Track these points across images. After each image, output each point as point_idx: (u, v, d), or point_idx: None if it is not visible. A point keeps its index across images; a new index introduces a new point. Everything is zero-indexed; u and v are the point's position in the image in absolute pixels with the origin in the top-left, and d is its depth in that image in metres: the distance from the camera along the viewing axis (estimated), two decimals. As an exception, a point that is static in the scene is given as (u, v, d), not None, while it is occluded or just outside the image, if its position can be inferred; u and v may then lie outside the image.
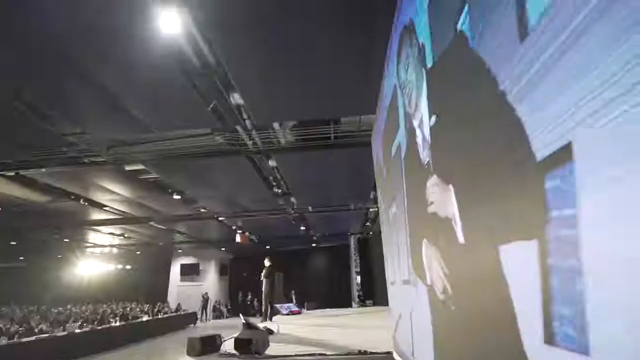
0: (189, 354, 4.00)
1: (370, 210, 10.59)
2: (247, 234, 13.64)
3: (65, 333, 8.51)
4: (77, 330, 8.84)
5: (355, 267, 12.83)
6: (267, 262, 8.02)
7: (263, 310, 7.61)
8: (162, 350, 9.27)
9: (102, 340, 9.22)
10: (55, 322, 10.08)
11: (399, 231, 2.48)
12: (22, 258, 21.03)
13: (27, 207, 9.44)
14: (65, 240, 14.96)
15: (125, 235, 14.22)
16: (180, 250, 18.62)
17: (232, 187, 8.10)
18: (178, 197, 8.51)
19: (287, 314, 9.28)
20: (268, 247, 17.35)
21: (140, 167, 7.21)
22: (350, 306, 15.47)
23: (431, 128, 1.66)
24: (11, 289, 20.83)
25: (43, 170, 6.94)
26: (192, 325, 14.85)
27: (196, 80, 4.31)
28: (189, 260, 18.73)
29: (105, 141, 6.02)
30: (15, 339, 7.46)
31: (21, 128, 5.26)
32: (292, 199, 9.39)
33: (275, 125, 5.42)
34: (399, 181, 2.37)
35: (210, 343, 4.13)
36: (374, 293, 13.49)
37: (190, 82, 4.30)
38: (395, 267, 2.83)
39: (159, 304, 14.95)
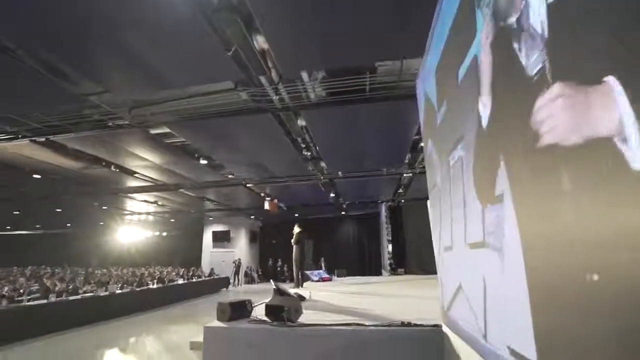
0: (219, 319, 3.80)
1: (405, 175, 9.95)
2: (275, 201, 13.50)
3: (107, 293, 8.88)
4: (118, 291, 9.23)
5: (386, 235, 12.42)
6: (296, 229, 7.77)
7: (294, 277, 7.45)
8: (196, 312, 9.57)
9: (140, 301, 9.60)
10: (98, 283, 10.61)
11: (468, 182, 1.94)
12: (69, 225, 22.55)
13: (63, 174, 9.69)
14: (104, 207, 15.60)
15: (159, 203, 14.57)
16: (211, 218, 19.04)
17: (259, 151, 7.73)
18: (205, 162, 8.30)
19: (318, 281, 9.14)
20: (297, 215, 17.29)
21: (165, 130, 6.98)
22: (380, 274, 15.32)
23: (549, 5, 1.07)
24: (62, 253, 22.56)
25: (71, 135, 6.88)
26: (225, 289, 15.37)
27: (216, 22, 3.79)
28: (220, 227, 19.17)
29: (128, 102, 5.75)
30: (63, 297, 7.84)
31: (42, 88, 5.06)
32: (322, 164, 8.94)
33: (304, 76, 4.84)
34: (470, 115, 1.80)
35: (240, 308, 3.90)
36: (406, 261, 13.14)
37: (211, 25, 3.80)
38: (455, 229, 2.31)
39: (193, 268, 15.49)
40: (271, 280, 6.12)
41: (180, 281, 12.50)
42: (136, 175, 9.90)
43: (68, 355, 5.52)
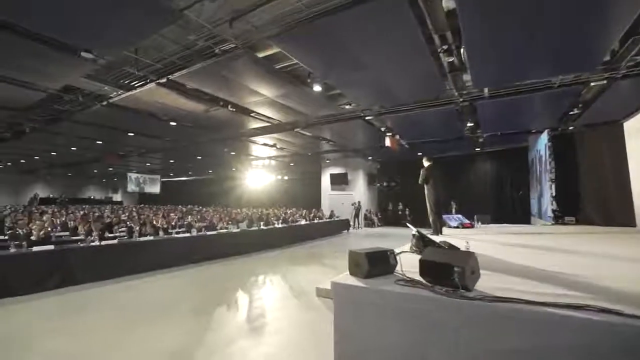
0: (352, 272, 2.72)
1: (593, 84, 6.79)
2: (397, 137, 11.81)
3: (238, 230, 9.28)
4: (248, 229, 9.59)
5: (547, 173, 9.40)
6: (425, 163, 6.05)
7: (431, 221, 5.96)
8: (319, 253, 9.28)
9: (266, 240, 9.84)
10: (233, 220, 11.42)
11: None
12: (210, 171, 26.01)
13: (192, 119, 10.17)
14: (232, 153, 16.82)
15: (277, 146, 14.71)
16: (328, 161, 18.74)
17: (384, 64, 6.07)
18: (319, 88, 7.16)
19: (457, 227, 7.46)
20: (420, 153, 15.24)
21: (274, 50, 6.00)
22: (529, 222, 12.42)
23: None
24: (207, 194, 26.47)
25: (184, 71, 6.60)
26: (346, 231, 15.15)
27: None
28: (337, 170, 18.78)
29: (227, 11, 4.83)
30: (202, 232, 8.43)
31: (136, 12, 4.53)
32: (465, 77, 6.72)
33: None
34: None
35: (381, 261, 2.72)
36: (579, 208, 9.96)
37: None
38: None
39: (314, 210, 15.64)
40: (408, 225, 4.81)
41: (303, 222, 12.59)
42: (252, 115, 9.63)
43: (203, 284, 5.69)
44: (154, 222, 8.72)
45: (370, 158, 17.95)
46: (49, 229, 7.94)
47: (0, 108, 9.13)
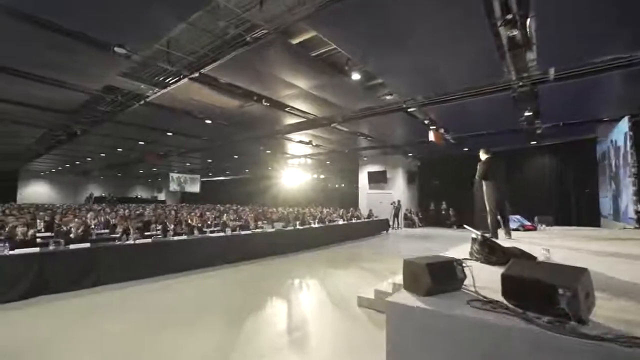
0: (408, 288, 2.15)
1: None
2: (441, 131, 10.87)
3: (273, 230, 8.95)
4: (284, 229, 9.22)
5: (627, 167, 7.97)
6: (483, 156, 5.15)
7: (489, 223, 5.12)
8: (358, 255, 8.67)
9: (303, 240, 9.42)
10: (269, 220, 11.16)
11: None
12: (247, 170, 26.30)
13: (227, 117, 10.02)
14: (268, 152, 16.68)
15: (313, 144, 14.29)
16: (365, 158, 18.03)
17: (431, 43, 5.35)
18: (357, 76, 6.57)
19: (516, 229, 6.51)
20: (466, 149, 14.10)
21: (308, 35, 5.53)
22: (598, 225, 10.89)
23: None
24: (244, 193, 26.78)
25: (216, 63, 6.33)
26: (385, 232, 14.38)
27: None
28: (375, 168, 18.01)
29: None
30: (236, 231, 8.20)
31: None
32: (529, 55, 5.79)
33: None
34: None
35: (446, 274, 2.12)
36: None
37: None
38: None
39: (351, 209, 15.03)
40: (466, 226, 4.11)
41: (340, 222, 12.05)
42: (287, 109, 9.26)
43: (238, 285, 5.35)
44: (189, 221, 8.63)
45: (410, 155, 16.98)
46: (90, 227, 8.11)
47: (51, 110, 9.55)
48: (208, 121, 10.33)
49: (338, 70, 6.65)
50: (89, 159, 20.48)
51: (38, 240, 5.98)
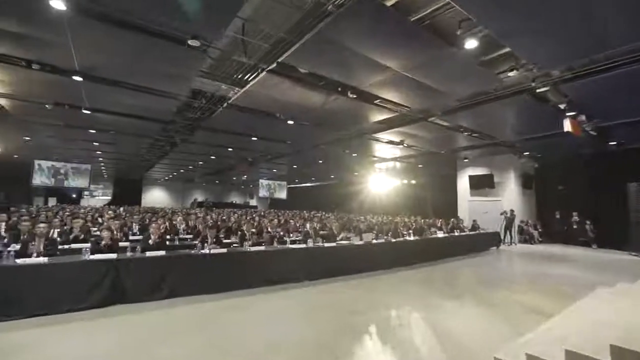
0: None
1: None
2: (582, 117, 8.18)
3: (361, 242, 7.69)
4: (373, 241, 7.89)
5: None
6: None
7: None
8: (473, 281, 6.69)
9: (397, 255, 7.91)
10: (356, 229, 9.96)
11: None
12: (332, 176, 25.65)
13: (309, 117, 9.24)
14: (354, 155, 15.56)
15: (405, 144, 12.64)
16: (466, 160, 15.47)
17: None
18: (474, 43, 4.92)
19: None
20: (613, 142, 10.69)
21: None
22: None
23: None
24: (330, 200, 26.17)
25: (294, 48, 5.43)
26: (495, 248, 11.80)
27: None
28: (478, 170, 15.29)
29: None
30: (321, 244, 7.21)
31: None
32: None
33: None
34: None
35: None
36: None
37: None
38: None
39: (452, 219, 12.80)
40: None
41: (440, 234, 10.12)
42: (376, 102, 7.98)
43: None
44: (269, 229, 7.97)
45: (526, 153, 13.87)
46: (178, 231, 8.05)
47: (149, 119, 10.13)
48: (290, 122, 9.72)
49: (446, 40, 5.11)
50: (190, 167, 22.41)
51: (123, 244, 5.88)
